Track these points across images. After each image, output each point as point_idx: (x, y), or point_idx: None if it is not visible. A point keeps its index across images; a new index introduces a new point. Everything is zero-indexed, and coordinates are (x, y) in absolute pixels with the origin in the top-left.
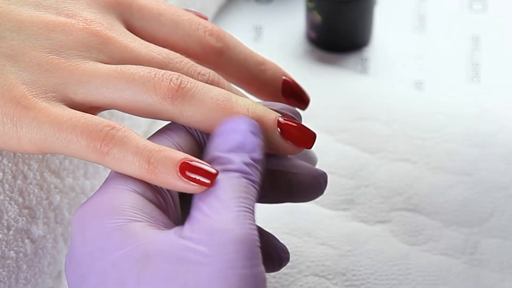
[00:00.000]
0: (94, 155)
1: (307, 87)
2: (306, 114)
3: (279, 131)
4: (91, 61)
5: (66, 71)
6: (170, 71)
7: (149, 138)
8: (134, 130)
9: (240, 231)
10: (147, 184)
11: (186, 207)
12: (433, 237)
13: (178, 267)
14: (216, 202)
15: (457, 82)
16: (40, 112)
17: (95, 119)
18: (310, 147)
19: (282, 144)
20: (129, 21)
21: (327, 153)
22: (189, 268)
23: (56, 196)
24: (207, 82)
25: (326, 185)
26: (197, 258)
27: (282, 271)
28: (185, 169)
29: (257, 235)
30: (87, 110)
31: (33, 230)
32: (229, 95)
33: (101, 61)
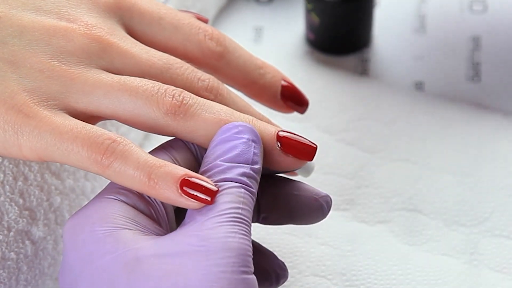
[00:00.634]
0: (94, 167)
1: (307, 87)
2: (306, 115)
3: (279, 145)
4: (92, 69)
5: (68, 79)
6: (173, 86)
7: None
8: (133, 131)
9: (232, 239)
10: (139, 195)
11: (182, 215)
12: (433, 237)
13: (168, 270)
14: (211, 212)
15: (457, 82)
16: (41, 121)
17: (96, 130)
18: (311, 159)
19: (282, 159)
20: (129, 25)
21: (327, 153)
22: (179, 271)
23: (57, 197)
24: (207, 88)
25: (329, 209)
26: (188, 262)
27: None
28: (185, 185)
29: (250, 246)
30: (88, 119)
31: (33, 231)
32: (231, 111)
33: (102, 67)
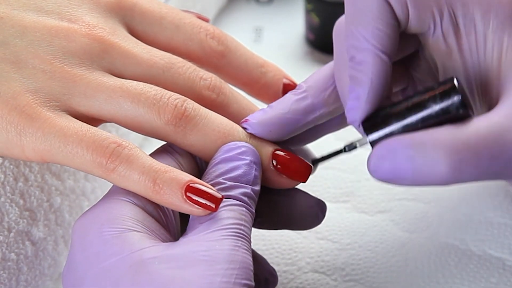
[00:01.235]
0: (99, 170)
1: None
2: None
3: (274, 164)
4: (95, 71)
5: (70, 81)
6: (176, 93)
7: (153, 154)
8: (133, 132)
9: (236, 252)
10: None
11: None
12: (434, 223)
13: (172, 276)
14: (215, 225)
15: None
16: (45, 122)
17: (101, 134)
18: (305, 181)
19: (277, 178)
20: (131, 24)
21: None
22: (183, 278)
23: (57, 198)
24: (209, 87)
25: (323, 215)
26: (192, 270)
27: (282, 269)
28: (190, 191)
29: (251, 261)
30: (89, 121)
31: (33, 232)
32: (230, 126)
33: (104, 68)
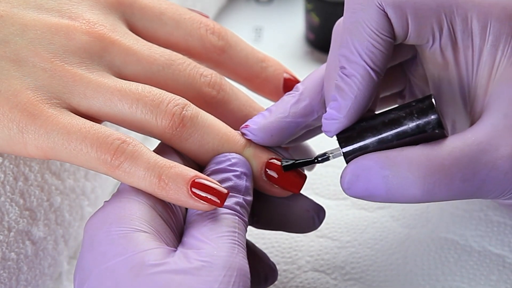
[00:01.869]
0: (104, 167)
1: None
2: None
3: (266, 173)
4: (95, 70)
5: (70, 80)
6: (176, 97)
7: (157, 150)
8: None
9: (234, 259)
10: (159, 198)
11: None
12: (434, 218)
13: (171, 280)
14: (211, 233)
15: None
16: (47, 120)
17: (105, 130)
18: (297, 192)
19: (269, 188)
20: (131, 21)
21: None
22: (182, 283)
23: (57, 197)
24: (209, 83)
25: (320, 221)
26: (190, 275)
27: (282, 268)
28: (195, 187)
29: (248, 268)
30: (89, 119)
31: (33, 231)
32: (227, 136)
33: (104, 66)
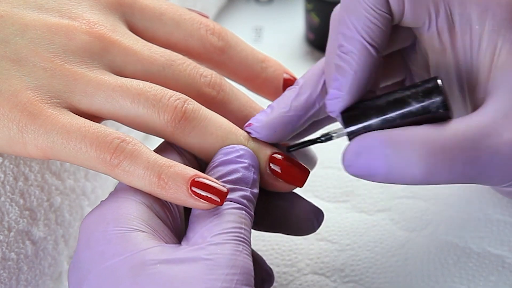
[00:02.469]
0: (103, 166)
1: None
2: None
3: (270, 167)
4: (95, 69)
5: (71, 79)
6: (177, 93)
7: (157, 149)
8: (134, 130)
9: (237, 258)
10: (156, 197)
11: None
12: (433, 221)
13: (173, 278)
14: (216, 229)
15: None
16: (47, 119)
17: (105, 129)
18: (301, 186)
19: (273, 182)
20: (131, 21)
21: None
22: (184, 281)
23: (57, 197)
24: (209, 84)
25: (319, 224)
26: (192, 273)
27: (281, 270)
28: (195, 186)
29: (252, 266)
30: (90, 119)
31: (33, 231)
32: (229, 129)
33: (104, 66)
